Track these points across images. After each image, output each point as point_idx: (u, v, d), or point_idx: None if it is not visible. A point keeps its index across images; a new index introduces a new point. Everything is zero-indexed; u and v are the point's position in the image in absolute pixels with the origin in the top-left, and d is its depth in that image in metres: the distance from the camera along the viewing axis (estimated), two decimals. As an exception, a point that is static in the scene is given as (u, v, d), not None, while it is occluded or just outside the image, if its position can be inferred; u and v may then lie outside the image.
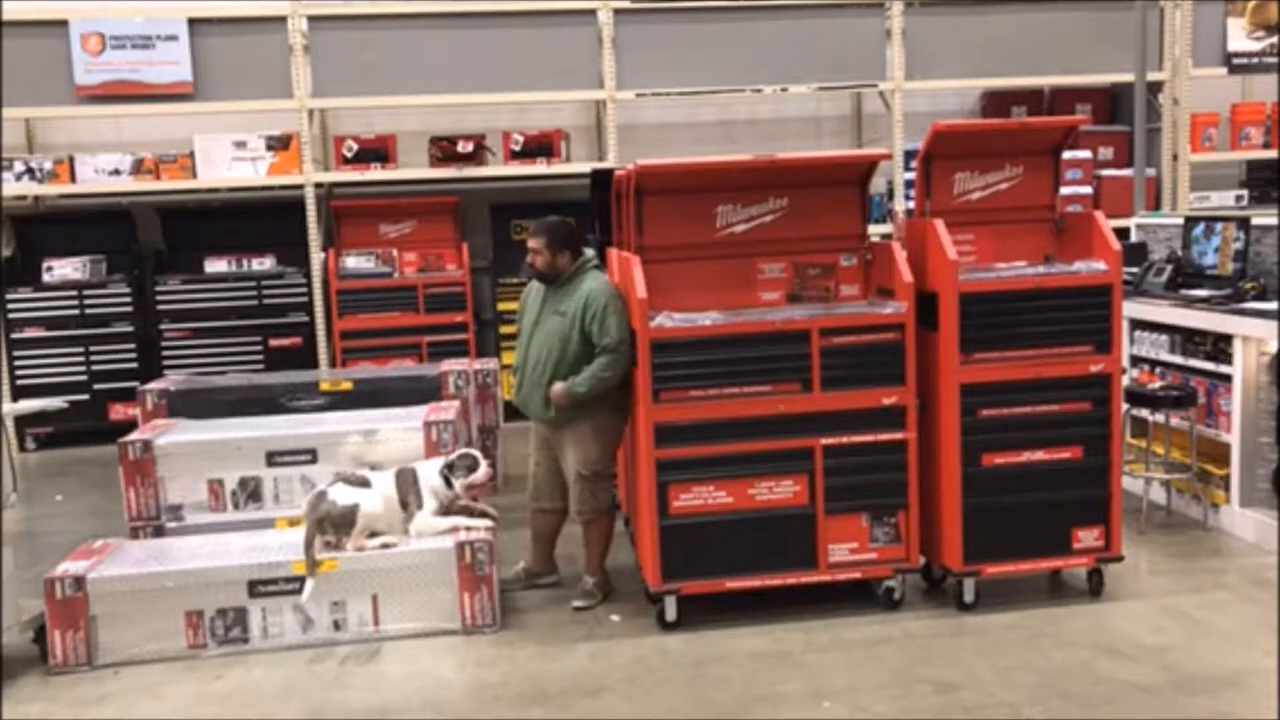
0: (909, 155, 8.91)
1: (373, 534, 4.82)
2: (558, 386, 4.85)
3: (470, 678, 4.39)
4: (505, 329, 8.88)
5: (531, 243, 4.99)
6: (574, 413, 4.90)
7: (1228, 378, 5.63)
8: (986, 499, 4.72)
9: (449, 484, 4.95)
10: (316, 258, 9.05)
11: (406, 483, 4.95)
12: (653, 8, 9.15)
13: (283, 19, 8.78)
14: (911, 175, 6.66)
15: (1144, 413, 6.10)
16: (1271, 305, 5.58)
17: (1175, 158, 9.63)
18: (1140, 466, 6.22)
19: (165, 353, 8.94)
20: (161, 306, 8.96)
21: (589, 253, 5.11)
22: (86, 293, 8.92)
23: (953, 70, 9.39)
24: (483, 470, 5.01)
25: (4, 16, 8.24)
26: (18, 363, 8.82)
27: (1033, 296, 4.69)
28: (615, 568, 5.32)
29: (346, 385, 6.24)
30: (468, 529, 4.88)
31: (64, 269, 9.02)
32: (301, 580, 4.64)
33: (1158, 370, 6.24)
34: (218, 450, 5.46)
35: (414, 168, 9.30)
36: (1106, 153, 9.56)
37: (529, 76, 8.97)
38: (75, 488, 7.66)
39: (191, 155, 8.91)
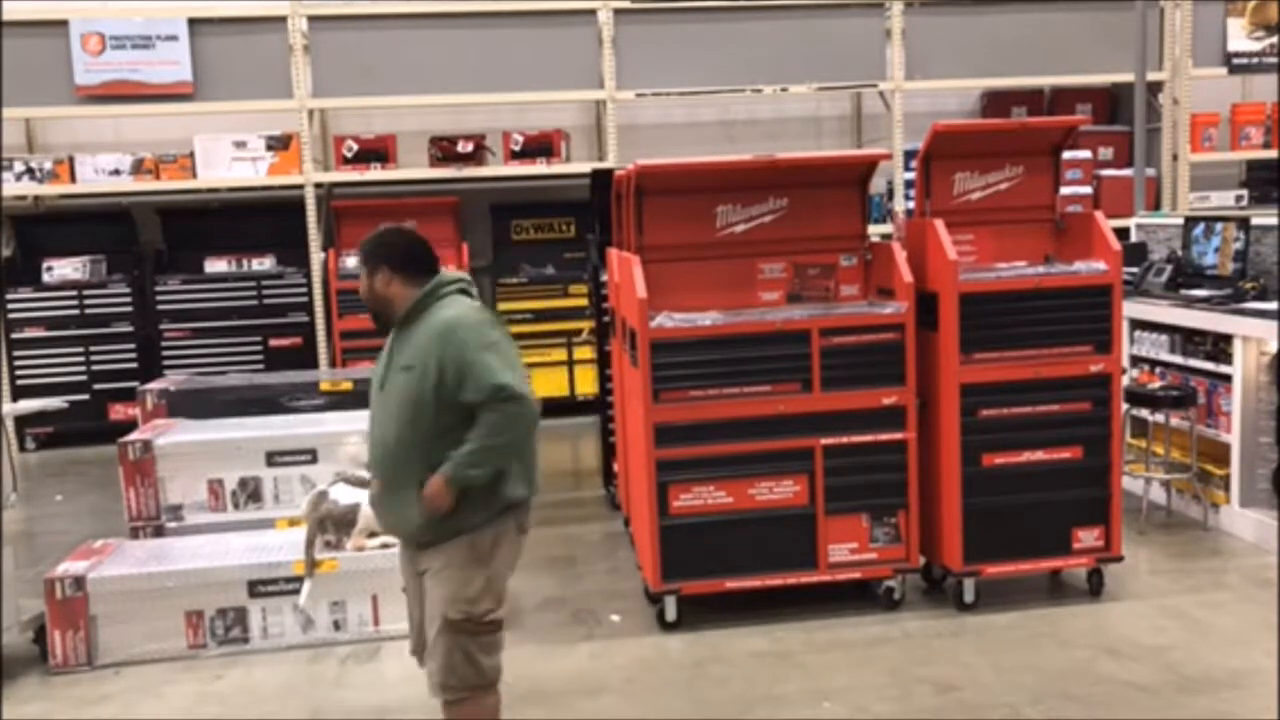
0: (909, 155, 8.91)
1: (372, 534, 4.82)
2: (435, 480, 3.14)
3: (470, 678, 4.38)
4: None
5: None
6: (449, 522, 3.20)
7: (1228, 378, 5.63)
8: (986, 499, 4.72)
9: None
10: (316, 258, 9.05)
11: None
12: (653, 8, 9.15)
13: (283, 19, 8.78)
14: (911, 175, 6.66)
15: (1144, 413, 6.10)
16: (1271, 305, 5.58)
17: (1175, 158, 9.64)
18: (1140, 466, 6.22)
19: (165, 353, 8.95)
20: (161, 306, 8.97)
21: (448, 273, 3.60)
22: (86, 293, 8.92)
23: (953, 70, 9.39)
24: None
25: (4, 16, 8.24)
26: (18, 363, 8.83)
27: (1033, 296, 4.69)
28: (615, 567, 5.32)
29: (346, 385, 6.23)
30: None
31: (64, 269, 9.03)
32: (301, 580, 4.64)
33: (1158, 370, 6.24)
34: (218, 450, 5.46)
35: (414, 168, 9.30)
36: (1106, 153, 9.57)
37: (529, 76, 8.97)
38: (75, 488, 7.65)
39: (191, 155, 8.91)
